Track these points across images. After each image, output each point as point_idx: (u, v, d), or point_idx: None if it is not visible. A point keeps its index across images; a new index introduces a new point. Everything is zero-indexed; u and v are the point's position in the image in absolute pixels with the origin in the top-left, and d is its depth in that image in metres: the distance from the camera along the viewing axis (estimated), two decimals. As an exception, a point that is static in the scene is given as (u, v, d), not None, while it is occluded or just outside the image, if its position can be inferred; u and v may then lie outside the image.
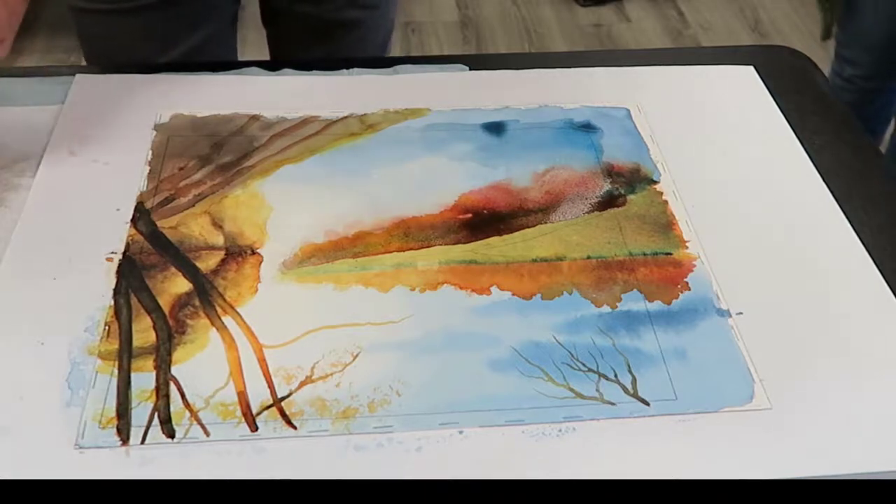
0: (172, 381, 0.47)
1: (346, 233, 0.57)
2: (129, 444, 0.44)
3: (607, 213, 0.59)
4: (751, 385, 0.49)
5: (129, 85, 0.68)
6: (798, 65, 0.77)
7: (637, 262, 0.56)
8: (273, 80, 0.70)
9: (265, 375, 0.48)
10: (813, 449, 0.46)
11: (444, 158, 0.63)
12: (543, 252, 0.56)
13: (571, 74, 0.72)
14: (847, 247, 0.57)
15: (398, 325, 0.51)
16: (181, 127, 0.64)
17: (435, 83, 0.70)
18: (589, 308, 0.52)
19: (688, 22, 2.20)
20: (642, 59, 0.75)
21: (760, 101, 0.71)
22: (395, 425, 0.46)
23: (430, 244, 0.56)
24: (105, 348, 0.49)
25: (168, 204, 0.58)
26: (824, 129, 0.68)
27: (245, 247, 0.55)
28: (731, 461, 0.45)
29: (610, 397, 0.48)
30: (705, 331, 0.51)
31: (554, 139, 0.65)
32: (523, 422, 0.46)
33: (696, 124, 0.68)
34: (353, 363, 0.49)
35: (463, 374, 0.48)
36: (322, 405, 0.47)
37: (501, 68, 0.72)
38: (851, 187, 0.62)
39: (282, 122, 0.65)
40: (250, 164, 0.62)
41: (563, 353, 0.50)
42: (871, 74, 1.34)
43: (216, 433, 0.45)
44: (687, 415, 0.47)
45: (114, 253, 0.54)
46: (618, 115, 0.68)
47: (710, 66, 0.74)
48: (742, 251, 0.57)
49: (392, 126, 0.66)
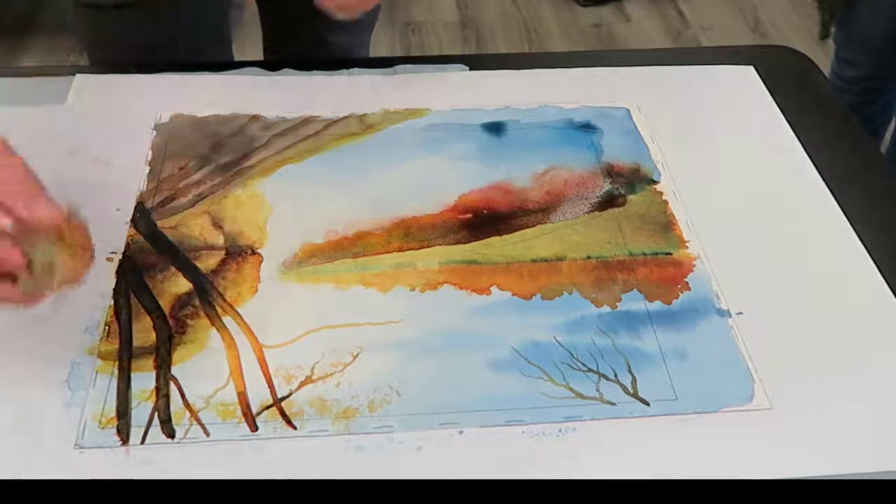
0: (172, 381, 0.47)
1: (346, 233, 0.57)
2: (129, 444, 0.44)
3: (607, 213, 0.59)
4: (751, 385, 0.49)
5: (129, 85, 0.68)
6: (798, 65, 0.77)
7: (637, 262, 0.56)
8: (273, 80, 0.70)
9: (265, 375, 0.48)
10: (813, 449, 0.46)
11: (444, 158, 0.63)
12: (543, 252, 0.56)
13: (571, 74, 0.72)
14: (847, 247, 0.57)
15: (398, 325, 0.51)
16: (181, 127, 0.64)
17: (435, 83, 0.70)
18: (589, 308, 0.52)
19: (688, 22, 2.20)
20: (642, 59, 0.75)
21: (760, 101, 0.71)
22: (395, 425, 0.46)
23: (430, 244, 0.56)
24: (105, 348, 0.49)
25: (168, 204, 0.58)
26: (824, 129, 0.68)
27: (245, 247, 0.55)
28: (731, 461, 0.45)
29: (610, 397, 0.48)
30: (705, 331, 0.51)
31: (554, 139, 0.65)
32: (523, 422, 0.46)
33: (696, 124, 0.68)
34: (353, 363, 0.49)
35: (463, 374, 0.48)
36: (322, 405, 0.47)
37: (501, 68, 0.72)
38: (851, 187, 0.62)
39: (282, 122, 0.65)
40: (250, 164, 0.62)
41: (563, 353, 0.50)
42: (870, 75, 1.33)
43: (216, 433, 0.45)
44: (687, 415, 0.47)
45: (114, 253, 0.54)
46: (618, 115, 0.68)
47: (710, 66, 0.74)
48: (742, 251, 0.57)
49: (392, 126, 0.66)
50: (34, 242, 0.40)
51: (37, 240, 0.40)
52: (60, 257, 0.41)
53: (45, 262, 0.41)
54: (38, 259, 0.40)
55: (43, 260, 0.40)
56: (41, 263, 0.40)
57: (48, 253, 0.41)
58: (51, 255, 0.41)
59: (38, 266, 0.40)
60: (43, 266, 0.41)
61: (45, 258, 0.41)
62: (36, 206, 0.40)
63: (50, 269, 0.41)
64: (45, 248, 0.40)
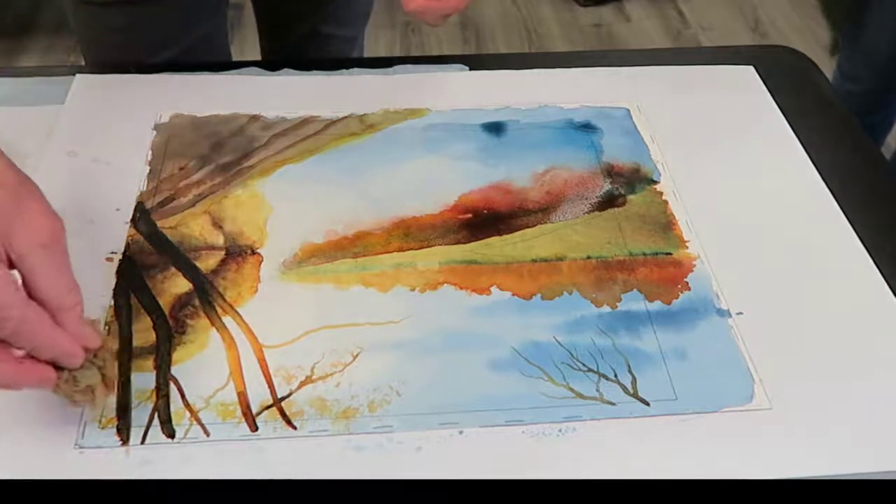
0: (172, 381, 0.47)
1: (346, 233, 0.57)
2: (129, 444, 0.44)
3: (607, 213, 0.59)
4: (751, 385, 0.49)
5: (129, 85, 0.68)
6: (798, 65, 0.77)
7: (637, 262, 0.56)
8: (273, 80, 0.70)
9: (265, 375, 0.48)
10: (813, 449, 0.46)
11: (444, 158, 0.63)
12: (543, 252, 0.56)
13: (571, 74, 0.72)
14: (847, 247, 0.57)
15: (398, 325, 0.51)
16: (181, 127, 0.64)
17: (435, 83, 0.70)
18: (589, 308, 0.52)
19: (688, 22, 2.20)
20: (642, 59, 0.75)
21: (760, 101, 0.71)
22: (395, 425, 0.46)
23: (430, 244, 0.56)
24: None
25: (168, 204, 0.58)
26: (824, 129, 0.68)
27: (245, 247, 0.55)
28: (731, 461, 0.45)
29: (610, 397, 0.48)
30: (705, 331, 0.51)
31: (554, 139, 0.65)
32: (523, 422, 0.46)
33: (696, 124, 0.68)
34: (353, 363, 0.49)
35: (463, 374, 0.48)
36: (322, 405, 0.47)
37: (501, 68, 0.72)
38: (851, 187, 0.62)
39: (282, 122, 0.65)
40: (250, 164, 0.62)
41: (563, 353, 0.50)
42: (871, 89, 1.32)
43: (216, 433, 0.45)
44: (687, 415, 0.47)
45: (114, 253, 0.54)
46: (618, 115, 0.68)
47: (710, 66, 0.74)
48: (742, 251, 0.57)
49: (392, 126, 0.66)
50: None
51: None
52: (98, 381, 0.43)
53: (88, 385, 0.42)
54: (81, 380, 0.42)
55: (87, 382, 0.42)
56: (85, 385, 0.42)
57: (91, 377, 0.42)
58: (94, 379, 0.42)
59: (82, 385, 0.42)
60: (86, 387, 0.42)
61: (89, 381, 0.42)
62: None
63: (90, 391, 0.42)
64: (88, 373, 0.42)
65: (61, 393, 0.42)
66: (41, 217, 0.41)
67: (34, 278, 0.39)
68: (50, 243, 0.40)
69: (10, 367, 0.39)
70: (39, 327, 0.39)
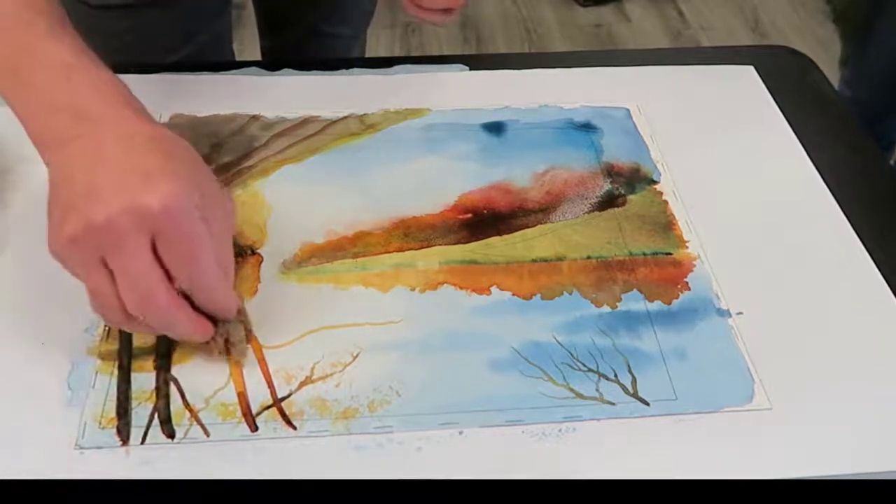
0: (172, 382, 0.47)
1: (346, 233, 0.57)
2: (129, 445, 0.44)
3: (607, 213, 0.59)
4: (751, 385, 0.49)
5: (129, 85, 0.68)
6: (798, 65, 0.77)
7: (637, 262, 0.56)
8: (273, 80, 0.70)
9: (265, 376, 0.48)
10: (813, 449, 0.46)
11: (444, 158, 0.63)
12: (543, 252, 0.56)
13: (571, 74, 0.72)
14: (847, 247, 0.57)
15: (398, 325, 0.51)
16: (181, 127, 0.64)
17: (435, 83, 0.70)
18: (589, 308, 0.52)
19: (688, 22, 2.20)
20: (642, 59, 0.75)
21: (760, 101, 0.71)
22: (395, 425, 0.46)
23: (430, 244, 0.56)
24: (105, 348, 0.49)
25: (168, 204, 0.58)
26: (824, 128, 0.68)
27: (245, 247, 0.55)
28: (731, 461, 0.45)
29: (610, 397, 0.48)
30: (705, 331, 0.51)
31: (554, 139, 0.65)
32: (523, 422, 0.46)
33: (696, 124, 0.68)
34: (353, 363, 0.49)
35: (463, 374, 0.48)
36: (322, 405, 0.47)
37: (501, 68, 0.72)
38: (851, 187, 0.62)
39: (282, 122, 0.65)
40: (250, 164, 0.62)
41: (563, 353, 0.50)
42: (870, 109, 1.32)
43: (216, 433, 0.45)
44: (687, 415, 0.47)
45: (114, 253, 0.54)
46: (618, 115, 0.68)
47: (710, 66, 0.74)
48: (742, 251, 0.57)
49: (392, 126, 0.66)
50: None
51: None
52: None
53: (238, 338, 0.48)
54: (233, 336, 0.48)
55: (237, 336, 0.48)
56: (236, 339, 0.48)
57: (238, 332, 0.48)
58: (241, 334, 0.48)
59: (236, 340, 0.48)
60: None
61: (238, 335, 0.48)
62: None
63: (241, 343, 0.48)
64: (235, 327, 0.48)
65: (215, 345, 0.47)
66: (229, 202, 0.48)
67: (221, 246, 0.46)
68: (232, 219, 0.48)
69: (192, 315, 0.45)
70: (217, 283, 0.45)
